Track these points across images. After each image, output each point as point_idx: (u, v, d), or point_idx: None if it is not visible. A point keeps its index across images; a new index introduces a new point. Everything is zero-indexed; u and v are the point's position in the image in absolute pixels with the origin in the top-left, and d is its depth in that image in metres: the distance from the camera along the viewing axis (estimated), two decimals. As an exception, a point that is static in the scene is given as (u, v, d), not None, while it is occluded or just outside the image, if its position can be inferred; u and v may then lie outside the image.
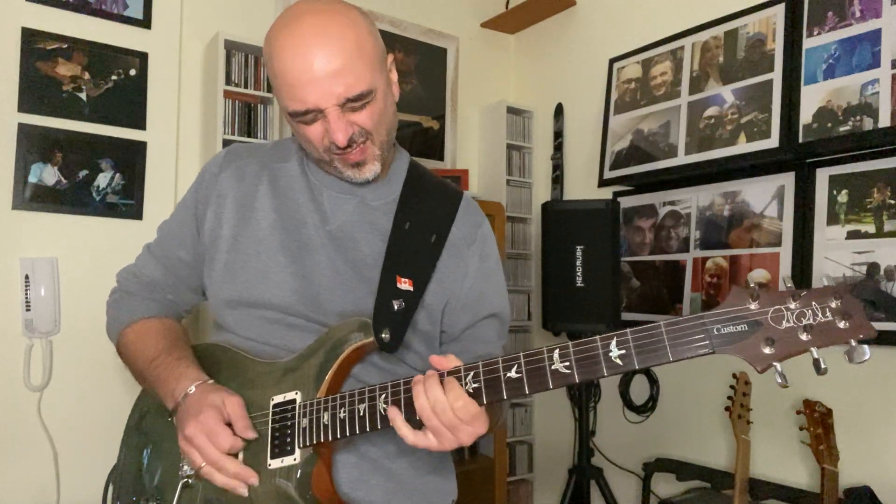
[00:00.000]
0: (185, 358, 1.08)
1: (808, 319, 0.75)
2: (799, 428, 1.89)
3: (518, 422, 3.07)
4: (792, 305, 0.76)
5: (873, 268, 1.96)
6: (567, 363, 0.84)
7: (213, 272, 1.13)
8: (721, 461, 2.32)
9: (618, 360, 0.81)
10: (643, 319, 2.57)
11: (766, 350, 0.76)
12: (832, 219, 2.07)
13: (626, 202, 2.69)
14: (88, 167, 2.18)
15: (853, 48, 2.02)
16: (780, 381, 0.76)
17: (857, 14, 2.02)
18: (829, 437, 1.81)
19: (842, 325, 0.74)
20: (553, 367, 0.84)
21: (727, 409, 2.01)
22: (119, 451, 1.18)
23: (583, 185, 2.92)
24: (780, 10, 2.21)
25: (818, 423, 1.82)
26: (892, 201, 1.94)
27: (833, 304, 0.75)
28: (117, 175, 2.23)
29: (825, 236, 2.07)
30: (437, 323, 1.13)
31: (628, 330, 0.81)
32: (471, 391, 0.88)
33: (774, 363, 0.76)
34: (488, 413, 0.93)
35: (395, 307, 1.04)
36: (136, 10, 2.27)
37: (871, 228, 1.97)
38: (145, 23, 2.29)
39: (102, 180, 2.20)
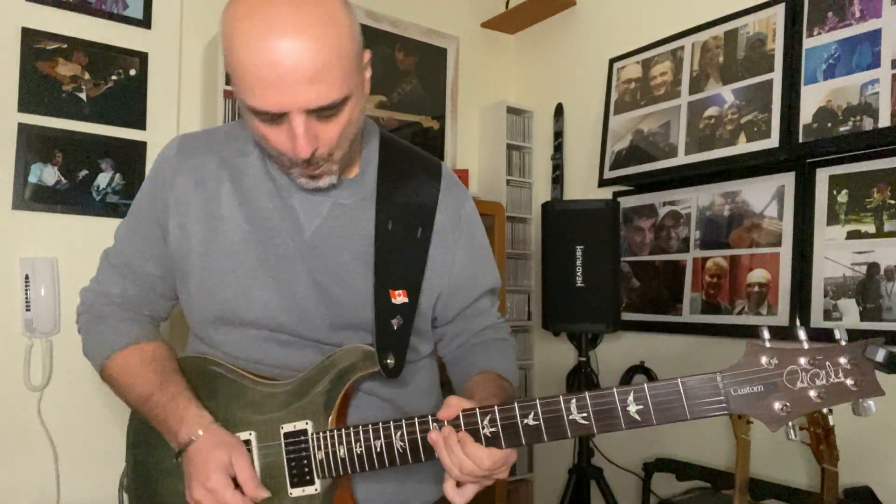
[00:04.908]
0: (180, 395, 1.01)
1: (822, 380, 0.78)
2: (799, 428, 1.89)
3: (518, 422, 3.07)
4: (805, 364, 0.78)
5: (873, 268, 1.96)
6: (585, 414, 0.85)
7: (188, 287, 1.04)
8: (721, 461, 2.32)
9: (636, 416, 0.83)
10: (643, 319, 2.57)
11: (781, 411, 0.79)
12: (832, 219, 2.06)
13: (626, 202, 2.69)
14: (88, 167, 2.18)
15: (853, 48, 2.02)
16: (790, 436, 0.80)
17: (857, 14, 2.02)
18: (829, 437, 1.81)
19: (852, 384, 0.77)
20: (570, 418, 0.86)
21: (727, 409, 2.01)
22: (126, 455, 1.13)
23: (583, 185, 2.92)
24: (780, 10, 2.21)
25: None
26: (892, 201, 1.94)
27: (846, 365, 0.77)
28: (117, 175, 2.22)
29: (825, 236, 2.07)
30: (429, 318, 1.11)
31: (645, 385, 0.83)
32: (488, 435, 0.88)
33: (788, 422, 0.80)
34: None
35: (395, 326, 1.01)
36: (136, 10, 2.27)
37: (871, 228, 1.97)
38: (145, 23, 2.29)
39: (102, 180, 2.20)
